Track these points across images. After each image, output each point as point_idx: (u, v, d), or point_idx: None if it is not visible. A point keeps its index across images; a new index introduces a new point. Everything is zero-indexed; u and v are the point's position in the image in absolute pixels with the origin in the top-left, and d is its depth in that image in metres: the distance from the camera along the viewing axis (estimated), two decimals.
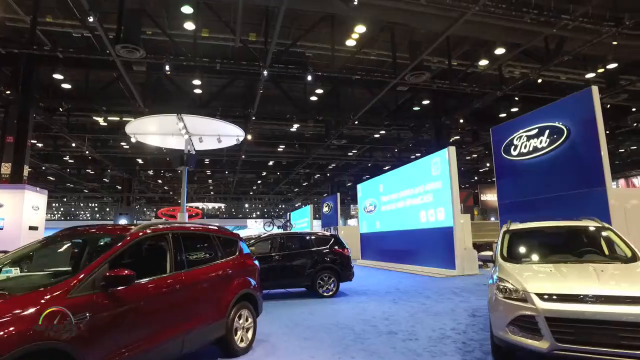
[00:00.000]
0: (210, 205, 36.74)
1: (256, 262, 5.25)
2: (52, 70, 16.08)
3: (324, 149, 23.76)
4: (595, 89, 6.19)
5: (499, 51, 13.54)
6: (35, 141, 21.82)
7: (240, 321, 4.59)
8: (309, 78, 13.37)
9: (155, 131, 11.08)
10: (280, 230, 21.49)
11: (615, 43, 12.22)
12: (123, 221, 31.42)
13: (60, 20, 12.11)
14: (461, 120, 19.96)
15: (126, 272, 2.97)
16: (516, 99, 17.81)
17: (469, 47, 15.04)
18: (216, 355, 4.46)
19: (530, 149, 6.79)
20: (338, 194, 19.76)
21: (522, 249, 4.72)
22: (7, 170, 14.58)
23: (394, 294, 8.17)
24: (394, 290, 8.78)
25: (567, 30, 11.78)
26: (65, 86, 15.59)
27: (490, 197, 29.65)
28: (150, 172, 31.47)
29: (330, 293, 7.99)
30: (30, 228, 15.24)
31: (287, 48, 13.15)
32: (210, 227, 4.89)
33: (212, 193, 41.14)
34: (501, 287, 3.84)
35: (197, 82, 15.27)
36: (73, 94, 16.54)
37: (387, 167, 32.53)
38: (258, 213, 54.39)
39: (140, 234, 3.57)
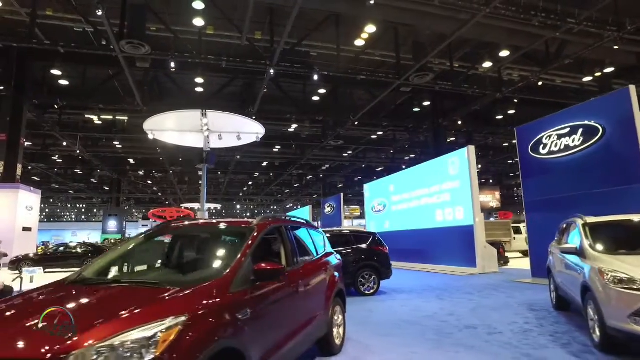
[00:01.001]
0: (207, 206, 36.21)
1: (339, 257, 5.12)
2: (45, 67, 15.65)
3: (319, 150, 23.72)
4: (632, 89, 6.31)
5: (503, 53, 13.73)
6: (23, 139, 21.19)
7: (335, 317, 4.38)
8: (315, 77, 13.32)
9: (173, 128, 10.82)
10: None
11: (616, 47, 12.52)
12: (113, 223, 30.72)
13: (60, 14, 11.76)
14: (459, 122, 20.18)
15: (274, 266, 2.84)
16: (515, 101, 18.10)
17: (469, 49, 15.22)
18: (314, 355, 4.20)
19: (562, 147, 6.90)
20: (341, 194, 19.77)
21: (608, 242, 4.60)
22: (0, 168, 14.10)
23: (433, 292, 8.08)
24: (429, 288, 8.70)
25: (571, 34, 12.03)
26: (62, 82, 15.16)
27: (483, 197, 30.06)
28: (141, 173, 30.87)
29: (372, 291, 7.88)
30: (24, 229, 14.77)
31: (292, 47, 13.07)
32: (307, 221, 4.80)
33: (158, 193, 40.55)
34: (614, 277, 3.78)
35: (199, 80, 15.04)
36: (68, 91, 16.08)
37: (379, 169, 32.71)
38: (248, 214, 53.99)
39: (268, 226, 3.42)
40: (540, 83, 16.55)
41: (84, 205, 51.39)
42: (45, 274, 8.74)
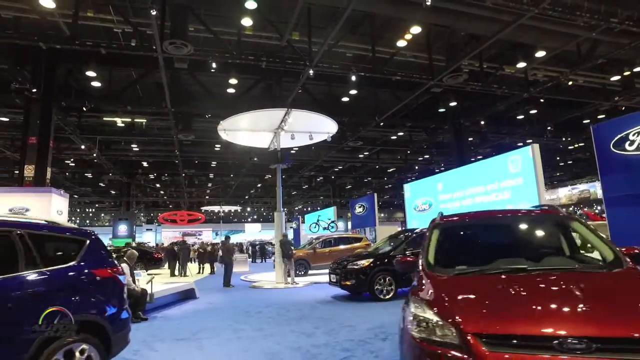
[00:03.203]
0: (226, 208, 36.02)
1: None
2: (71, 69, 15.47)
3: (336, 152, 23.73)
4: None
5: (539, 54, 13.88)
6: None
7: None
8: (353, 78, 13.32)
9: (248, 128, 10.78)
10: (327, 232, 21.24)
11: None
12: (123, 227, 30.36)
13: (101, 15, 11.63)
14: (482, 122, 20.35)
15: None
16: (542, 100, 18.30)
17: (496, 50, 15.38)
18: None
19: None
20: (375, 194, 19.79)
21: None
22: (31, 172, 13.88)
23: None
24: None
25: (607, 33, 12.22)
26: (95, 84, 14.97)
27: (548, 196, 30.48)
28: (152, 176, 30.59)
29: None
30: None
31: (330, 48, 13.07)
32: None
33: (207, 197, 40.35)
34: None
35: (232, 81, 14.96)
36: (95, 93, 15.90)
37: (391, 170, 32.84)
38: (255, 217, 53.75)
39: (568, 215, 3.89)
40: (570, 83, 16.75)
41: (92, 209, 50.69)
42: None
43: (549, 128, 21.28)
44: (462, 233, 4.11)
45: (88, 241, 3.99)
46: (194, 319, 7.88)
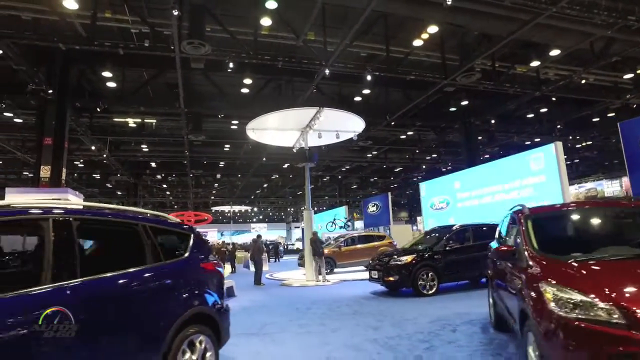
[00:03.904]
0: (237, 208, 36.04)
1: None
2: (83, 69, 15.50)
3: (346, 151, 23.77)
4: None
5: (553, 52, 13.90)
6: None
7: None
8: (368, 78, 13.35)
9: (276, 127, 10.87)
10: (343, 230, 21.30)
11: None
12: None
13: (119, 16, 11.66)
14: (492, 121, 20.37)
15: None
16: (553, 99, 18.31)
17: (507, 49, 15.38)
18: None
19: None
20: (389, 193, 19.88)
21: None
22: (47, 173, 13.91)
23: None
24: None
25: (622, 31, 12.22)
26: (110, 85, 15.01)
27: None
28: (159, 177, 30.65)
29: None
30: None
31: (345, 47, 13.09)
32: None
33: (213, 198, 40.40)
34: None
35: (247, 81, 14.99)
36: (109, 93, 15.93)
37: (398, 169, 32.87)
38: (260, 217, 53.79)
39: None
40: (583, 81, 16.77)
41: None
42: None
43: (558, 126, 21.29)
44: (559, 223, 4.32)
45: (193, 235, 4.07)
46: (246, 315, 7.92)
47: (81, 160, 25.13)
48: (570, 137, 24.05)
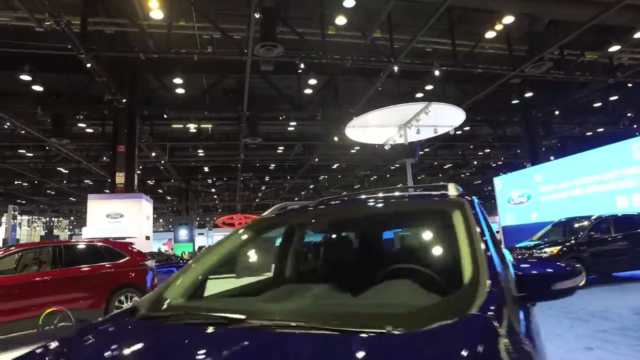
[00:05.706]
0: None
1: None
2: (147, 78, 15.97)
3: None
4: None
5: (638, 35, 13.15)
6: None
7: None
8: (437, 73, 13.08)
9: (376, 124, 10.98)
10: None
11: None
12: (183, 231, 31.23)
13: (192, 23, 11.93)
14: (557, 112, 19.55)
15: None
16: (629, 85, 17.37)
17: (577, 35, 14.69)
18: None
19: None
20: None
21: None
22: (122, 179, 14.43)
23: None
24: None
25: None
26: (179, 91, 15.42)
27: None
28: (209, 181, 31.34)
29: None
30: (146, 238, 15.02)
31: (408, 44, 12.86)
32: None
33: (258, 200, 40.93)
34: None
35: (312, 81, 15.04)
36: (171, 101, 16.37)
37: (447, 166, 32.19)
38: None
39: None
40: None
41: (155, 215, 52.72)
42: None
43: (628, 115, 20.17)
44: None
45: None
46: None
47: (140, 167, 25.99)
48: (634, 126, 22.76)
